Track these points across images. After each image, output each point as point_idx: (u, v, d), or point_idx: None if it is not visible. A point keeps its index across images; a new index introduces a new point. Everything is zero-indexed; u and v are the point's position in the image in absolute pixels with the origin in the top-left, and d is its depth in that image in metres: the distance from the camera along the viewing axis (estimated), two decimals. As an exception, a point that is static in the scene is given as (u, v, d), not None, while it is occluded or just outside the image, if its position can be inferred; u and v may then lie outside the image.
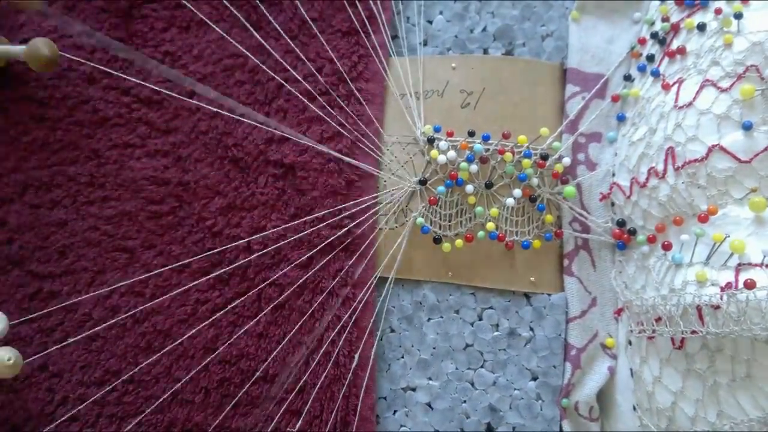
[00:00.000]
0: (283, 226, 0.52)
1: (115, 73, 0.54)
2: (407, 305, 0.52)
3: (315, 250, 0.52)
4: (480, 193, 0.52)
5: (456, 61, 0.54)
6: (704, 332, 0.40)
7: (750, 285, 0.37)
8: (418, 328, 0.52)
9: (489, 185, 0.51)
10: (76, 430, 0.50)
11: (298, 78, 0.54)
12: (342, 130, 0.53)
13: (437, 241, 0.51)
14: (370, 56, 0.55)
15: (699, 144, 0.43)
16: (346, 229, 0.52)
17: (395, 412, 0.51)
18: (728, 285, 0.39)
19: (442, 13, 0.56)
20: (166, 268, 0.52)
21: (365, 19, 0.55)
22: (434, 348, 0.51)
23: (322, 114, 0.53)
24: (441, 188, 0.51)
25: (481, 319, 0.51)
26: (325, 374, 0.50)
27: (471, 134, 0.52)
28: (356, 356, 0.50)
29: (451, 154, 0.51)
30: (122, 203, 0.53)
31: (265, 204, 0.53)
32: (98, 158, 0.54)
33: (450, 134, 0.52)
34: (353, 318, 0.51)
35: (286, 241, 0.52)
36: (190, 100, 0.54)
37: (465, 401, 0.51)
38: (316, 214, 0.52)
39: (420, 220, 0.51)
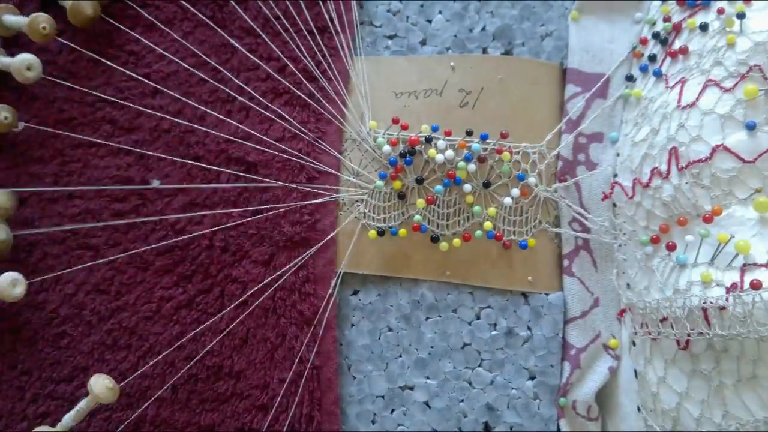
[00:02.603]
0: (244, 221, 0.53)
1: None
2: (405, 304, 0.52)
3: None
4: (478, 193, 0.52)
5: (455, 61, 0.54)
6: (711, 334, 0.40)
7: (756, 285, 0.37)
8: (416, 327, 0.52)
9: (487, 185, 0.51)
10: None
11: (261, 76, 0.55)
12: (303, 129, 0.54)
13: (435, 240, 0.51)
14: (334, 55, 0.55)
15: (703, 144, 0.43)
16: (306, 225, 0.52)
17: (393, 411, 0.51)
18: (734, 286, 0.39)
19: (441, 12, 0.55)
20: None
21: (330, 19, 0.55)
22: (432, 347, 0.51)
23: (283, 113, 0.54)
24: (439, 187, 0.51)
25: (479, 319, 0.51)
26: (290, 370, 0.50)
27: (469, 134, 0.52)
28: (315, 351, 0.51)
29: (449, 153, 0.51)
30: (86, 201, 0.53)
31: (227, 201, 0.53)
32: (62, 156, 0.54)
33: (448, 133, 0.52)
34: (317, 314, 0.51)
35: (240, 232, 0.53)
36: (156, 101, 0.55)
37: (462, 400, 0.51)
38: (277, 211, 0.53)
39: (418, 218, 0.51)
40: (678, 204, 0.45)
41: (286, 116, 0.54)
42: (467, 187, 0.51)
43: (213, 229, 0.52)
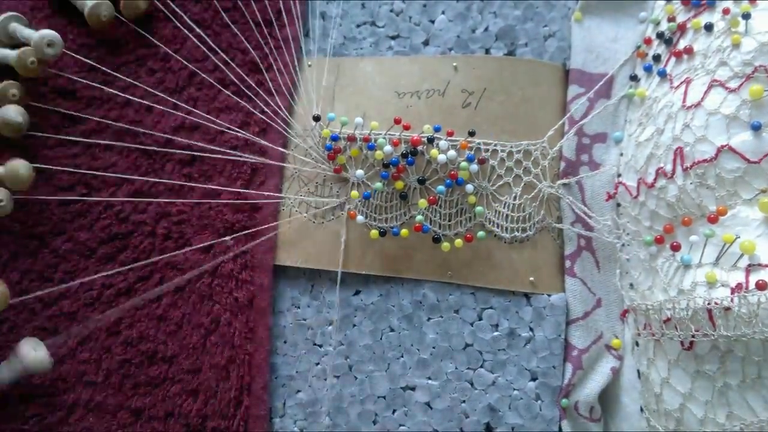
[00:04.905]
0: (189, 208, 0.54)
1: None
2: (407, 304, 0.52)
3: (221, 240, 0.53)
4: (480, 193, 0.52)
5: (458, 61, 0.54)
6: (715, 335, 0.40)
7: (762, 286, 0.37)
8: (418, 328, 0.51)
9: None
10: None
11: (209, 67, 0.56)
12: (249, 120, 0.55)
13: (437, 240, 0.51)
14: (282, 48, 0.56)
15: (708, 144, 0.43)
16: (247, 213, 0.54)
17: (394, 411, 0.51)
18: (739, 286, 0.39)
19: (444, 12, 0.55)
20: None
21: (279, 11, 0.57)
22: (434, 347, 0.51)
23: (230, 104, 0.56)
24: (441, 188, 0.51)
25: (481, 319, 0.51)
26: (222, 355, 0.51)
27: (471, 134, 0.52)
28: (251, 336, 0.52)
29: (452, 153, 0.51)
30: (33, 191, 0.54)
31: (171, 190, 0.54)
32: (11, 148, 0.55)
33: (450, 134, 0.52)
34: (252, 301, 0.52)
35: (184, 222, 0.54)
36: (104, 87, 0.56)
37: (464, 401, 0.51)
38: (220, 200, 0.54)
39: (419, 218, 0.51)
40: (683, 204, 0.45)
41: (233, 107, 0.56)
42: (469, 187, 0.51)
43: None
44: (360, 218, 0.51)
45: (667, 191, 0.45)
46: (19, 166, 0.50)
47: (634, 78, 0.53)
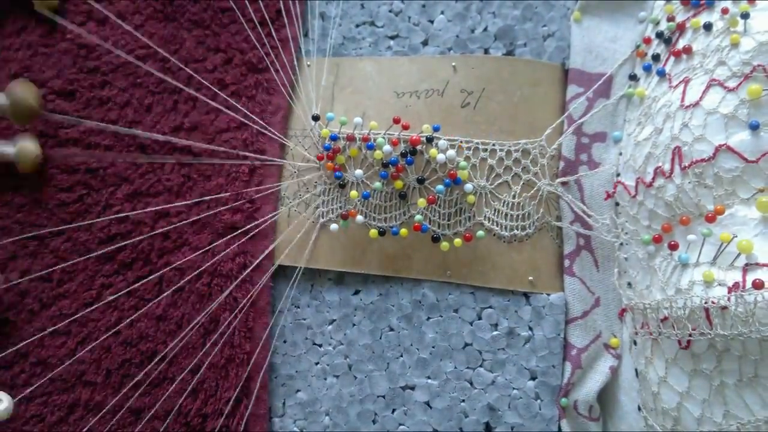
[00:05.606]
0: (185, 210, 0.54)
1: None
2: (406, 304, 0.52)
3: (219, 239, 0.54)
4: (479, 192, 0.52)
5: (456, 61, 0.54)
6: (712, 334, 0.40)
7: (758, 285, 0.37)
8: (417, 327, 0.51)
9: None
10: None
11: (209, 67, 0.56)
12: (248, 120, 0.55)
13: (436, 239, 0.51)
14: (281, 48, 0.56)
15: (706, 144, 0.43)
16: (246, 213, 0.54)
17: (394, 410, 0.51)
18: (736, 285, 0.39)
19: (443, 12, 0.55)
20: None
21: (278, 11, 0.57)
22: (433, 347, 0.51)
23: (229, 104, 0.55)
24: (440, 187, 0.51)
25: (480, 319, 0.51)
26: (221, 354, 0.51)
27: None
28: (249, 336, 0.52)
29: (451, 153, 0.51)
30: (34, 191, 0.54)
31: (170, 190, 0.54)
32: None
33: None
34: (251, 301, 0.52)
35: (184, 222, 0.54)
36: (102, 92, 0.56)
37: (464, 400, 0.51)
38: (218, 199, 0.54)
39: (419, 217, 0.51)
40: (681, 203, 0.45)
41: (232, 107, 0.55)
42: (468, 187, 0.51)
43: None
44: (359, 218, 0.51)
45: (665, 190, 0.45)
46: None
47: (633, 77, 0.53)
